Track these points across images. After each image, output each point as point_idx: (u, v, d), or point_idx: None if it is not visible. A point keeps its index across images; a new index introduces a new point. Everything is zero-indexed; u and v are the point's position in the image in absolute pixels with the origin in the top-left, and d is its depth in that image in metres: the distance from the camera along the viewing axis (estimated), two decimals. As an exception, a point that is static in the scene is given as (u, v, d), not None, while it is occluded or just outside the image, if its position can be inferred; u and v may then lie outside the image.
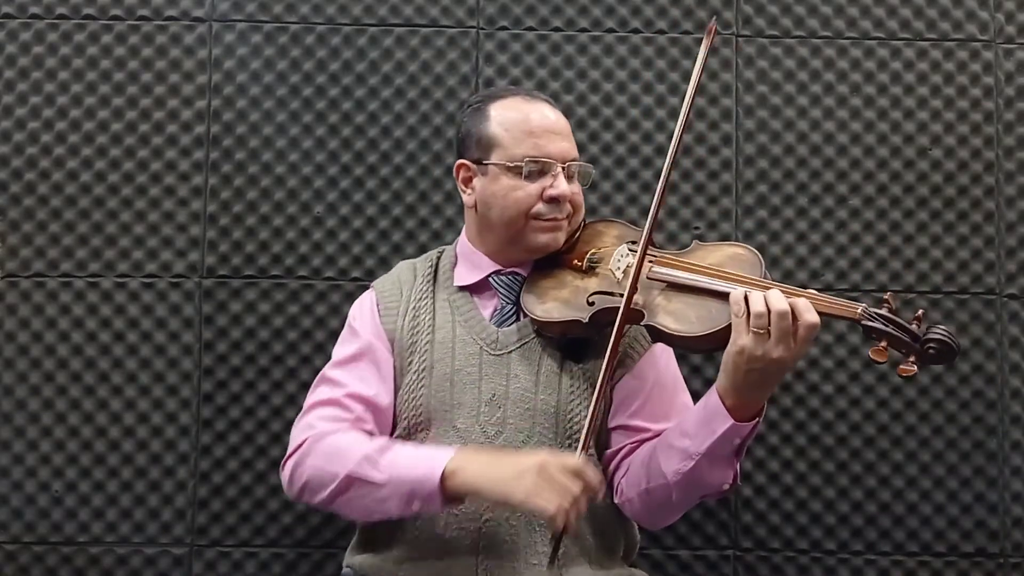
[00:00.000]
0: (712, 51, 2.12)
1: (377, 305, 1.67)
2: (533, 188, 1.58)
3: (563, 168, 1.59)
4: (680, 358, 1.72)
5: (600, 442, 1.61)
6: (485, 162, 1.61)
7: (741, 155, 2.11)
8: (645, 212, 2.09)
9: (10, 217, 2.07)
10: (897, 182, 2.10)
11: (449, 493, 1.44)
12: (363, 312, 1.69)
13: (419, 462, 1.47)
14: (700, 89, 2.10)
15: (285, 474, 1.59)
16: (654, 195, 1.54)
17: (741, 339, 1.38)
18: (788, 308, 1.37)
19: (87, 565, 2.02)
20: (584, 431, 1.48)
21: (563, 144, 1.62)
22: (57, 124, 2.08)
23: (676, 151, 1.54)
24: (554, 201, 1.58)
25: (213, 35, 2.10)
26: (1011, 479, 2.05)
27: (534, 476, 1.39)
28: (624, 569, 1.64)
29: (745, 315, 1.38)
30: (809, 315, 1.37)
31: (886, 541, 2.04)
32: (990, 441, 2.06)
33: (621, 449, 1.60)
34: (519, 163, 1.58)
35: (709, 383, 1.52)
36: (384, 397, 1.62)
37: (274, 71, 2.10)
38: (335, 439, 1.55)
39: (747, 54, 2.12)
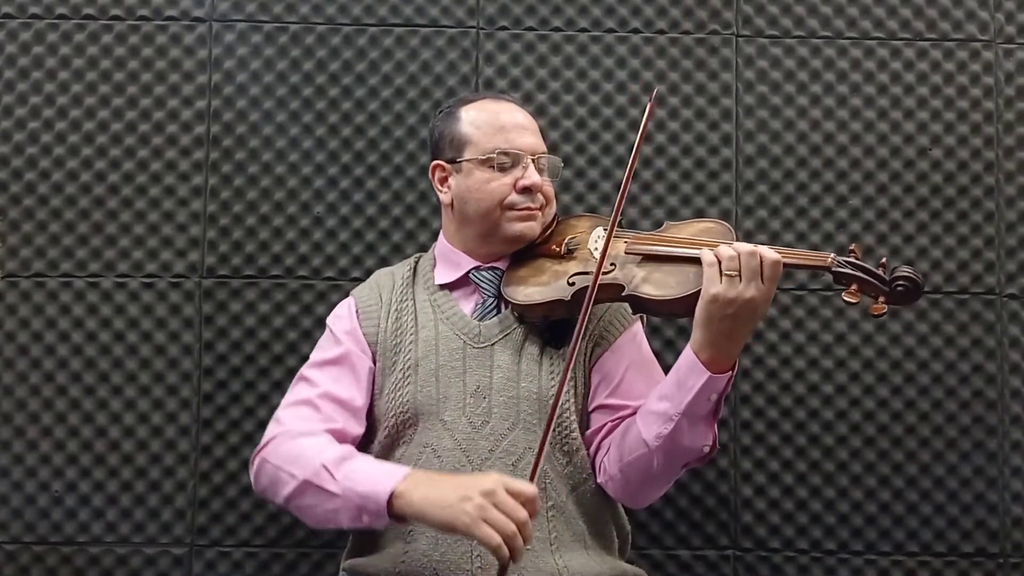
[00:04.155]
0: (712, 51, 2.12)
1: (357, 311, 1.71)
2: (506, 179, 1.66)
3: (533, 160, 1.67)
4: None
5: (581, 424, 1.64)
6: (459, 160, 1.68)
7: (741, 155, 2.11)
8: (644, 210, 2.09)
9: (10, 217, 2.07)
10: (897, 182, 2.10)
11: (396, 514, 1.44)
12: (342, 318, 1.72)
13: (372, 477, 1.47)
14: (700, 89, 2.12)
15: (253, 468, 1.63)
16: (624, 175, 1.62)
17: (714, 287, 1.46)
18: (755, 248, 1.47)
19: (87, 565, 2.02)
20: (536, 455, 1.47)
21: (531, 139, 1.70)
22: (57, 124, 2.08)
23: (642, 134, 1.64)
24: (527, 191, 1.66)
25: (213, 35, 2.10)
26: (1011, 479, 2.05)
27: (480, 500, 1.37)
28: (620, 565, 1.65)
29: (716, 265, 1.46)
30: (772, 254, 1.47)
31: (886, 541, 2.04)
32: (990, 441, 2.06)
33: (601, 428, 1.63)
34: (491, 155, 1.65)
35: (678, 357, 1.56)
36: (358, 400, 1.65)
37: (274, 71, 2.10)
38: (300, 443, 1.57)
39: (747, 54, 2.12)
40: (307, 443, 1.57)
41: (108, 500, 2.03)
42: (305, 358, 2.02)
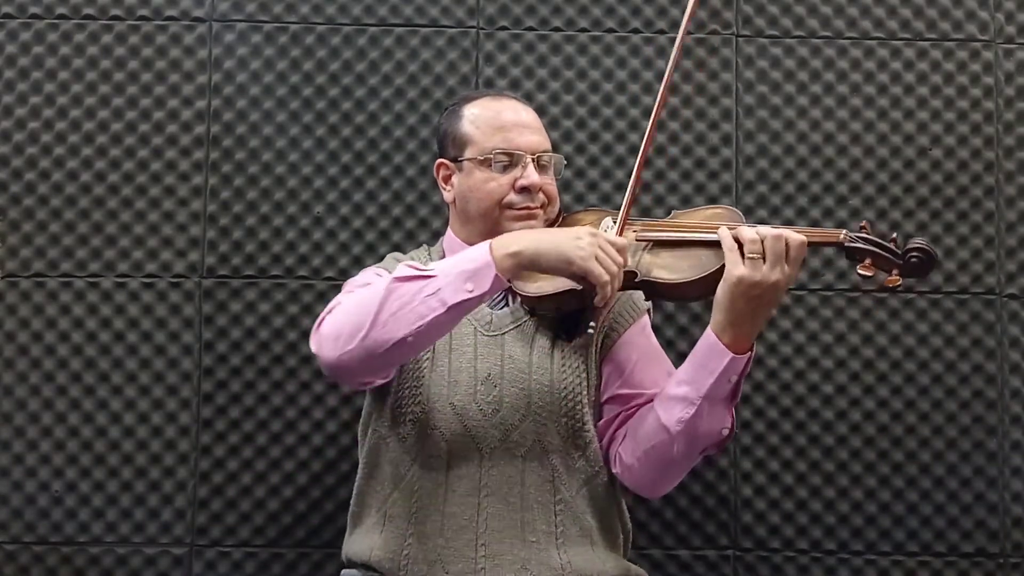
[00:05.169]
0: (712, 51, 2.12)
1: (387, 272, 1.69)
2: (505, 179, 1.66)
3: (534, 159, 1.66)
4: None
5: (594, 416, 1.64)
6: (460, 159, 1.69)
7: (741, 155, 2.11)
8: (644, 211, 2.09)
9: (10, 217, 2.07)
10: (897, 182, 2.10)
11: (503, 264, 1.47)
12: (370, 274, 1.69)
13: (463, 252, 1.53)
14: (700, 89, 2.12)
15: (319, 333, 1.53)
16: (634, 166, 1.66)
17: (737, 269, 1.46)
18: (780, 231, 1.47)
19: (87, 565, 2.02)
20: (623, 208, 1.57)
21: (533, 137, 1.69)
22: (57, 124, 2.08)
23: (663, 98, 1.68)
24: (525, 191, 1.66)
25: (213, 35, 2.10)
26: (1011, 479, 2.05)
27: (590, 239, 1.47)
28: (624, 564, 1.65)
29: (737, 248, 1.47)
30: (797, 236, 1.47)
31: (886, 541, 2.04)
32: (990, 441, 2.06)
33: (615, 418, 1.64)
34: (489, 156, 1.65)
35: (682, 356, 1.59)
36: None
37: (274, 71, 2.10)
38: (365, 288, 1.57)
39: (747, 54, 2.12)
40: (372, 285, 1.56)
41: (108, 500, 2.03)
42: (305, 358, 2.03)
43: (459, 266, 1.48)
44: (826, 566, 2.04)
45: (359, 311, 1.49)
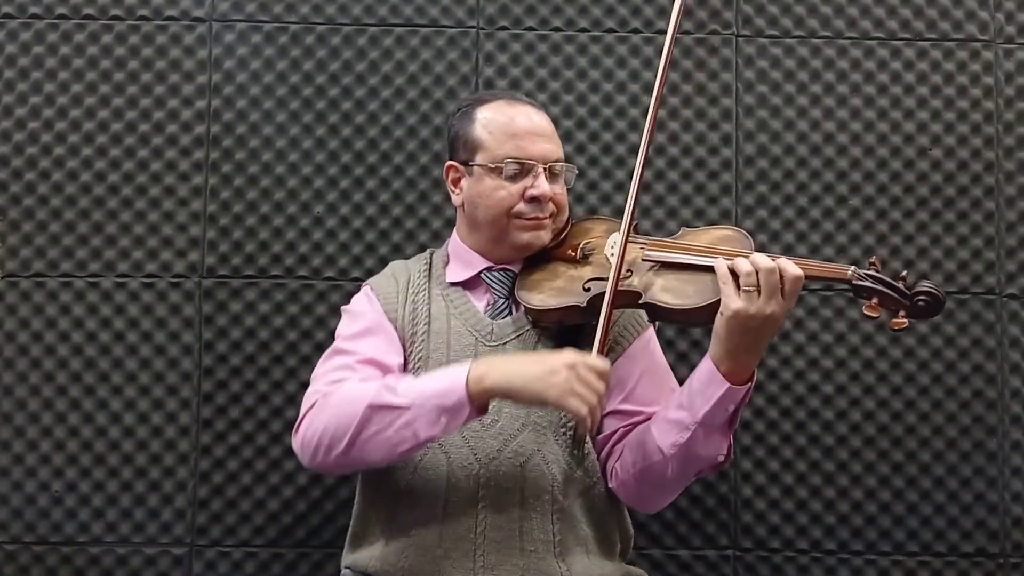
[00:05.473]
0: (712, 51, 2.12)
1: (377, 297, 1.70)
2: (515, 188, 1.63)
3: (545, 169, 1.64)
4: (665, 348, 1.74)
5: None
6: (471, 163, 1.66)
7: (741, 155, 2.11)
8: (644, 210, 2.09)
9: (10, 217, 2.07)
10: (897, 182, 2.10)
11: (477, 400, 1.44)
12: (363, 304, 1.70)
13: (439, 378, 1.48)
14: (700, 89, 2.12)
15: (299, 437, 1.54)
16: (633, 174, 1.62)
17: (733, 303, 1.44)
18: (774, 264, 1.45)
19: (87, 565, 2.02)
20: (599, 331, 1.50)
21: (546, 146, 1.66)
22: (57, 124, 2.08)
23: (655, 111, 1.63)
24: (535, 201, 1.63)
25: (213, 35, 2.10)
26: (1011, 479, 2.05)
27: (566, 374, 1.41)
28: (623, 567, 1.65)
29: (732, 281, 1.44)
30: (792, 269, 1.45)
31: (886, 541, 2.04)
32: (990, 441, 2.06)
33: (614, 434, 1.63)
34: (500, 164, 1.63)
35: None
36: (395, 360, 1.62)
37: (274, 71, 2.10)
38: (345, 388, 1.54)
39: (747, 54, 2.12)
40: (352, 386, 1.54)
41: (108, 500, 2.03)
42: (305, 358, 2.03)
43: (434, 398, 1.45)
44: (826, 566, 2.04)
45: (335, 427, 1.49)
